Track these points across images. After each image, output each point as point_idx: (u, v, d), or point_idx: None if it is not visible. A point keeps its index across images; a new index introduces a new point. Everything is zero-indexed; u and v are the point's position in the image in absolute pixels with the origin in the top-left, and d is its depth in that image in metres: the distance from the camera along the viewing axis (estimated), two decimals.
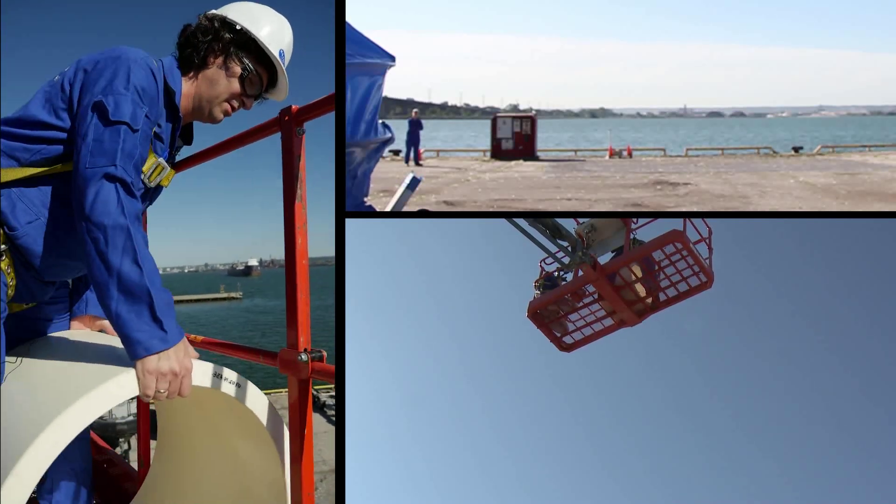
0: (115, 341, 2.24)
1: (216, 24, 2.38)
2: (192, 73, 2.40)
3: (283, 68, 2.48)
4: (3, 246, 2.16)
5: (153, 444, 3.39)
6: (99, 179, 1.99)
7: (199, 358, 2.17)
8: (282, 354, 2.35)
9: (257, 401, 2.36)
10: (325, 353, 2.31)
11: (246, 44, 2.39)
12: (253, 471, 2.62)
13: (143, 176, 2.31)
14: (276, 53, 2.43)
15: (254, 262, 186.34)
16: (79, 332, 2.72)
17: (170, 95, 2.33)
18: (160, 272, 2.10)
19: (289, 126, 2.36)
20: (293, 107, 2.35)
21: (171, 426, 3.15)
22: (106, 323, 2.72)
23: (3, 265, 2.16)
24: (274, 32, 2.44)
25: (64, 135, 2.19)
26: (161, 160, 2.35)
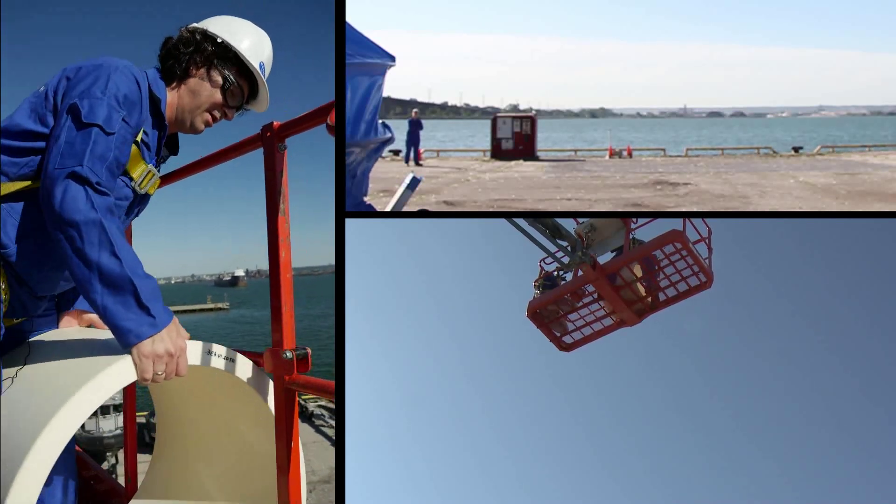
0: (105, 334, 2.24)
1: (197, 37, 2.41)
2: (174, 84, 2.43)
3: (264, 80, 2.51)
4: None
5: (140, 458, 3.40)
6: (65, 179, 1.98)
7: (191, 337, 2.18)
8: (267, 354, 2.37)
9: (248, 373, 2.40)
10: (309, 350, 2.31)
11: (227, 56, 2.43)
12: (254, 447, 2.64)
13: (133, 183, 2.31)
14: (256, 66, 2.46)
15: (240, 273, 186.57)
16: (68, 329, 2.71)
17: (155, 103, 2.35)
18: None
19: (271, 142, 2.36)
20: (275, 123, 2.36)
21: (169, 418, 3.15)
22: (93, 316, 2.71)
23: None
24: (254, 45, 2.47)
25: None
26: (151, 167, 2.36)
